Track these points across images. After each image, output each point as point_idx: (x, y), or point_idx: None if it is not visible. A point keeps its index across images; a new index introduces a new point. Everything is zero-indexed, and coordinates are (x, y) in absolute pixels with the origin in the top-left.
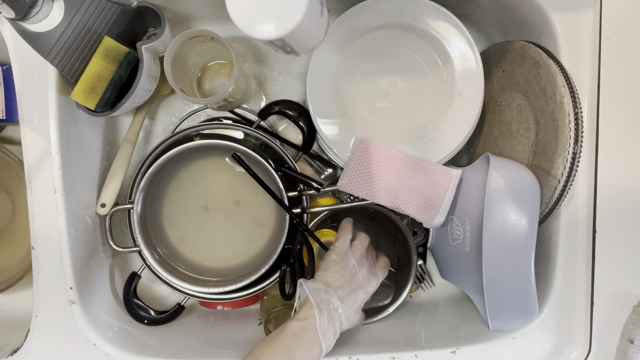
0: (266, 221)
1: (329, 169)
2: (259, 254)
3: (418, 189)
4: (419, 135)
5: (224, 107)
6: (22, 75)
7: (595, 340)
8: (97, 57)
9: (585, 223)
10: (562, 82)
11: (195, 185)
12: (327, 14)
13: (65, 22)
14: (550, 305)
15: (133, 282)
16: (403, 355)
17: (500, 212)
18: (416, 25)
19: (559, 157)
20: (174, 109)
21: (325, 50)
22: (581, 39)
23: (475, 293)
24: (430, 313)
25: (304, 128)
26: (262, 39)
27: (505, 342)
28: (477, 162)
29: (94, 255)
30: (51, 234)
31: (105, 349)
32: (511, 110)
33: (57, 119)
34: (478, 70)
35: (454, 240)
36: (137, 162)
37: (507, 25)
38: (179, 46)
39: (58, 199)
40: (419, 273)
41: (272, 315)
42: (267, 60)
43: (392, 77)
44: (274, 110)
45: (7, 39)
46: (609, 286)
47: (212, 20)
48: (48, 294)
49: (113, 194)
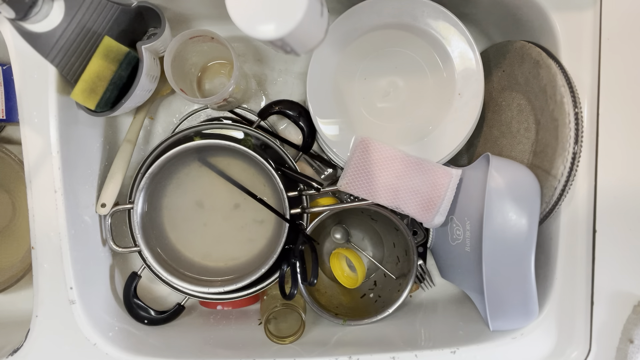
0: (266, 221)
1: (329, 169)
2: (259, 254)
3: (418, 189)
4: (419, 135)
5: (224, 107)
6: (22, 75)
7: (595, 340)
8: (97, 57)
9: (585, 223)
10: (562, 82)
11: (195, 185)
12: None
13: (65, 22)
14: (550, 305)
15: (133, 282)
16: (403, 355)
17: (500, 212)
18: (416, 25)
19: (559, 157)
20: (174, 109)
21: (325, 50)
22: (581, 39)
23: (475, 293)
24: (430, 313)
25: (304, 128)
26: (262, 39)
27: (505, 342)
28: (477, 162)
29: (94, 255)
30: (51, 234)
31: (105, 349)
32: (511, 110)
33: (57, 119)
34: (478, 70)
35: (454, 240)
36: (137, 162)
37: (507, 25)
38: (179, 46)
39: (58, 199)
40: (419, 273)
41: (272, 315)
42: (267, 60)
43: (392, 77)
44: (274, 110)
45: (7, 39)
46: (609, 286)
47: (212, 20)
48: (48, 294)
49: (113, 194)
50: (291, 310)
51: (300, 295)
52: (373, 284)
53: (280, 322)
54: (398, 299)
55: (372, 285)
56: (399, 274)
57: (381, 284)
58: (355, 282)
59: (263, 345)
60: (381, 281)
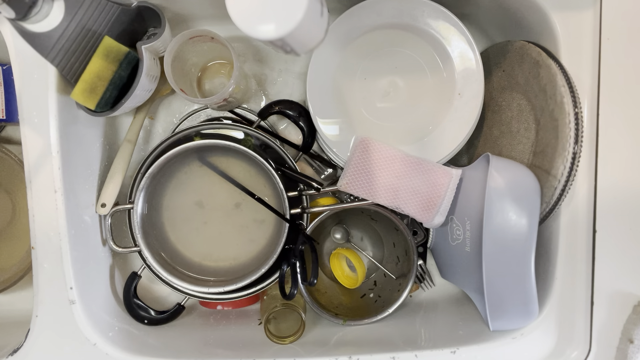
0: (266, 221)
1: (329, 169)
2: (259, 254)
3: (418, 189)
4: (419, 135)
5: (224, 107)
6: (22, 75)
7: (595, 340)
8: (97, 57)
9: (585, 223)
10: (562, 82)
11: (195, 185)
12: (327, 14)
13: (65, 22)
14: (551, 305)
15: (133, 282)
16: (403, 355)
17: (500, 212)
18: (416, 25)
19: (559, 157)
20: (174, 109)
21: (325, 50)
22: (581, 39)
23: (475, 293)
24: (430, 313)
25: (304, 128)
26: (262, 39)
27: (505, 342)
28: (477, 162)
29: (94, 255)
30: (51, 234)
31: (105, 349)
32: (511, 110)
33: (57, 118)
34: (478, 70)
35: (454, 240)
36: (137, 162)
37: (507, 25)
38: (179, 46)
39: (58, 199)
40: (419, 273)
41: (272, 315)
42: (267, 60)
43: (392, 77)
44: (274, 110)
45: (7, 39)
46: (609, 286)
47: (212, 20)
48: (48, 294)
49: (113, 193)
50: (291, 310)
51: (300, 295)
52: (373, 284)
53: (280, 322)
54: (398, 299)
55: (372, 285)
56: (399, 274)
57: (381, 284)
58: (355, 282)
59: (263, 345)
60: (381, 281)
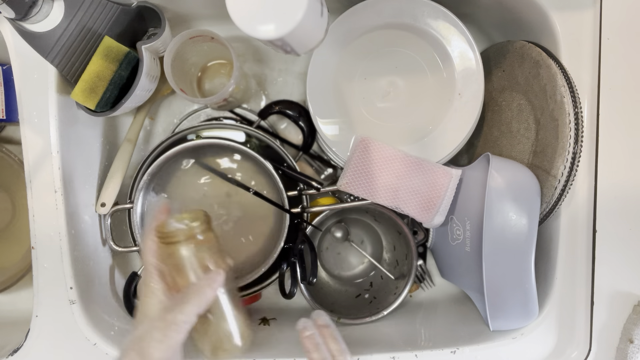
0: (266, 221)
1: (329, 169)
2: (259, 253)
3: (418, 189)
4: (419, 135)
5: (224, 107)
6: (22, 75)
7: (595, 340)
8: (97, 57)
9: (585, 223)
10: (562, 82)
11: (195, 184)
12: (327, 14)
13: (65, 22)
14: (551, 305)
15: (133, 282)
16: (403, 355)
17: (500, 212)
18: (416, 25)
19: (559, 157)
20: (174, 109)
21: (325, 50)
22: (581, 39)
23: (475, 293)
24: (430, 313)
25: (304, 128)
26: (262, 39)
27: (505, 342)
28: (477, 162)
29: (94, 255)
30: (51, 234)
31: (105, 349)
32: (511, 110)
33: (57, 118)
34: (478, 70)
35: (454, 240)
36: (137, 162)
37: (507, 25)
38: (179, 46)
39: (58, 199)
40: (419, 273)
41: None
42: (267, 60)
43: (392, 77)
44: (274, 110)
45: (7, 39)
46: (609, 286)
47: (212, 20)
48: (48, 294)
49: (113, 193)
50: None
51: None
52: (369, 285)
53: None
54: (394, 302)
55: (368, 286)
56: (398, 275)
57: (377, 286)
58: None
59: (263, 345)
60: (377, 283)
